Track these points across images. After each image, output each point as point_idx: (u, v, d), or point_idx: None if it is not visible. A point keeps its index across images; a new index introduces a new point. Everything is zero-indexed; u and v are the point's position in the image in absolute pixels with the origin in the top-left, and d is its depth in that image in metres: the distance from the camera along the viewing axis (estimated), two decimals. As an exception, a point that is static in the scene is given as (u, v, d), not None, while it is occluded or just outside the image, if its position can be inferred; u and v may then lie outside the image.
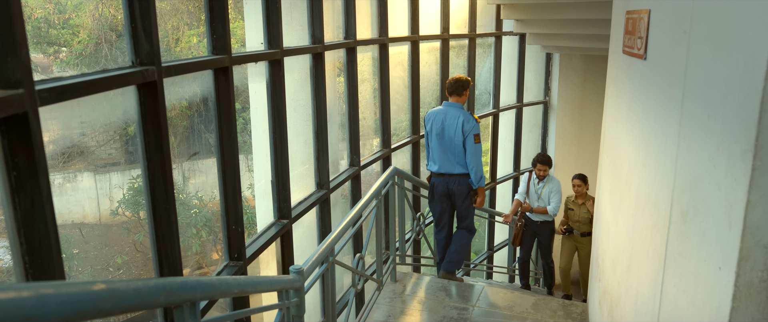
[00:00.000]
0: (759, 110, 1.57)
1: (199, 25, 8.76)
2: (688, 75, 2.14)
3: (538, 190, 5.80)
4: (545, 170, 5.77)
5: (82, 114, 2.06)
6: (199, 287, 1.47)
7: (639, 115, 2.83)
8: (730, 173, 1.74)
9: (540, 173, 5.78)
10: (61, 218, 9.64)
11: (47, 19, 8.94)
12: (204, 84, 2.83)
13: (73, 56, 9.16)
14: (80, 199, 9.60)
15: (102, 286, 1.01)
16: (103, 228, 10.06)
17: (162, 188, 2.15)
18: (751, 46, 1.62)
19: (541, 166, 5.78)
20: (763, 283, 1.69)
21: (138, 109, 2.04)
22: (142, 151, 2.09)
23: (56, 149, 9.57)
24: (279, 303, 2.35)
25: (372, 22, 5.55)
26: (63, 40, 8.94)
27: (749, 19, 1.64)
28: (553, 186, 5.77)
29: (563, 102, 9.21)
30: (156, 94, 2.04)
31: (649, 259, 2.53)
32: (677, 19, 2.26)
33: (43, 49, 9.01)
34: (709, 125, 1.91)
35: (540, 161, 5.80)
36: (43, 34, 9.01)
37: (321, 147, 4.48)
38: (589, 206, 5.73)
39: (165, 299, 1.27)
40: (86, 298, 0.95)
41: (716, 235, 1.84)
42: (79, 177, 9.43)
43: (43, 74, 8.76)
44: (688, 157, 2.11)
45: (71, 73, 6.61)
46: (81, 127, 8.46)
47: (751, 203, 1.64)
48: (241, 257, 2.99)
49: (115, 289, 1.05)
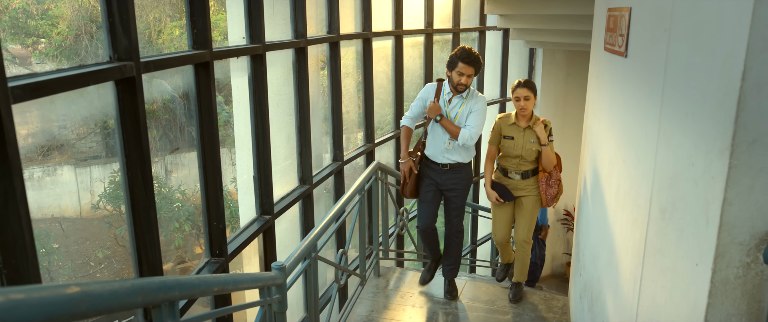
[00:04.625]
0: (736, 109, 1.59)
1: (181, 17, 8.64)
2: (667, 73, 2.16)
3: (450, 110, 3.83)
4: (472, 75, 3.72)
5: (61, 106, 2.02)
6: (177, 286, 1.46)
7: (620, 112, 2.86)
8: (708, 171, 1.76)
9: (461, 82, 3.69)
10: (41, 212, 9.52)
11: (26, 10, 8.77)
12: (186, 77, 2.80)
13: (53, 48, 9.00)
14: (60, 193, 9.48)
15: (76, 289, 0.99)
16: (83, 222, 9.92)
17: (141, 185, 2.12)
18: (728, 45, 1.64)
19: (466, 67, 3.65)
20: (739, 279, 1.72)
21: (116, 105, 2.01)
22: (120, 148, 2.06)
23: (35, 142, 9.45)
24: (260, 300, 2.34)
25: (356, 17, 5.52)
26: (42, 31, 8.77)
27: (727, 18, 1.66)
28: (475, 105, 3.81)
29: (546, 97, 9.27)
30: (134, 90, 2.01)
31: (628, 254, 2.56)
32: (657, 17, 2.28)
33: (22, 40, 8.84)
34: (687, 123, 1.94)
35: (463, 61, 3.65)
36: (22, 25, 8.84)
37: (304, 142, 4.46)
38: (540, 132, 3.82)
39: (142, 299, 1.25)
40: (59, 301, 0.94)
41: (693, 232, 1.86)
42: (59, 170, 9.30)
43: (21, 65, 8.60)
44: (667, 155, 2.14)
45: (50, 66, 6.50)
46: (60, 119, 8.34)
47: (727, 201, 1.66)
48: (222, 254, 2.97)
49: (90, 291, 1.03)
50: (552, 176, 3.95)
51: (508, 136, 3.91)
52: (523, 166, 3.95)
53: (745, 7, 1.54)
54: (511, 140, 3.90)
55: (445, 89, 3.84)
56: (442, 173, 3.92)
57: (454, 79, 3.69)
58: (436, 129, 3.86)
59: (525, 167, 3.95)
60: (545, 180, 3.94)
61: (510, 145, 3.92)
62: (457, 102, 3.81)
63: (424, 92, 3.94)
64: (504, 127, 3.94)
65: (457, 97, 3.80)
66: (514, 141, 3.90)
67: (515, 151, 3.91)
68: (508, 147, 3.93)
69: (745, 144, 1.61)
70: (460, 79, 3.67)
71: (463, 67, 3.64)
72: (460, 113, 3.81)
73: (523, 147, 3.89)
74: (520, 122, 3.88)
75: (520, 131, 3.88)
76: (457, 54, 3.66)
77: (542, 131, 3.81)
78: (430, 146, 3.95)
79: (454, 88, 3.76)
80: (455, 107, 3.82)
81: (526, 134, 3.87)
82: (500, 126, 3.96)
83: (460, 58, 3.64)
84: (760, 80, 1.56)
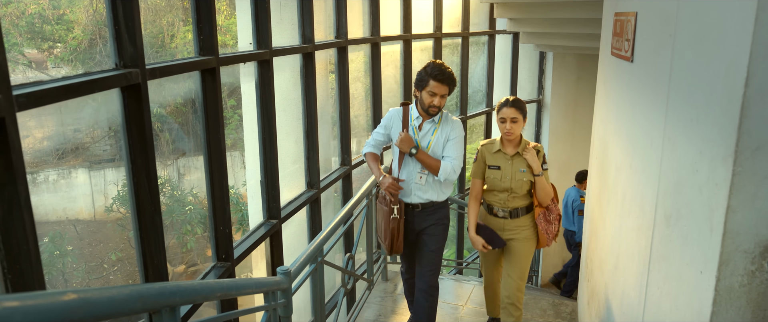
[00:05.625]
0: (739, 116, 1.58)
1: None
2: (672, 79, 2.15)
3: (421, 138, 3.19)
4: (445, 95, 3.10)
5: (75, 110, 2.05)
6: (178, 292, 1.47)
7: (626, 118, 2.84)
8: (712, 178, 1.75)
9: (434, 104, 3.09)
10: (56, 214, 9.64)
11: (41, 15, 8.91)
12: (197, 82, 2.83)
13: (68, 52, 9.13)
14: (75, 195, 9.60)
15: (73, 296, 1.00)
16: (97, 224, 10.03)
17: (146, 190, 2.14)
18: (732, 51, 1.62)
19: (439, 86, 3.04)
20: (743, 287, 1.70)
21: (122, 111, 2.03)
22: (126, 154, 2.08)
23: (51, 145, 9.54)
24: (265, 305, 2.35)
25: (364, 21, 5.54)
26: (58, 36, 8.91)
27: (731, 24, 1.65)
28: (452, 131, 3.18)
29: (557, 100, 9.23)
30: (140, 97, 2.03)
31: (634, 261, 2.54)
32: (663, 22, 2.27)
33: (38, 44, 8.99)
34: (692, 129, 1.92)
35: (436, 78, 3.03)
36: (38, 30, 8.98)
37: (311, 147, 4.48)
38: (531, 159, 3.19)
39: (142, 305, 1.27)
40: (56, 309, 0.95)
41: (698, 239, 1.85)
42: (74, 173, 9.43)
43: (37, 70, 8.73)
44: (672, 161, 2.12)
45: (66, 70, 6.58)
46: (75, 123, 8.45)
47: (731, 208, 1.65)
48: (228, 258, 2.99)
49: (87, 298, 1.04)
50: (551, 211, 3.32)
51: (493, 166, 3.27)
52: (512, 201, 3.27)
53: (748, 13, 1.53)
54: (498, 171, 3.25)
55: (413, 114, 3.21)
56: (413, 213, 3.26)
57: (425, 100, 3.08)
58: (406, 164, 3.22)
59: (515, 202, 3.27)
60: (543, 216, 3.30)
61: (496, 176, 3.25)
62: (428, 128, 3.18)
63: (386, 119, 3.31)
64: (488, 156, 3.29)
65: (428, 123, 3.18)
66: (501, 171, 3.24)
67: (503, 184, 3.24)
68: (494, 179, 3.26)
69: (749, 151, 1.59)
70: (432, 100, 3.05)
71: (436, 86, 3.03)
72: (434, 141, 3.16)
73: (511, 178, 3.22)
74: (507, 149, 3.24)
75: (508, 160, 3.24)
76: (427, 70, 3.05)
77: (534, 158, 3.17)
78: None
79: (424, 112, 3.14)
80: (427, 134, 3.18)
81: (514, 163, 3.23)
82: (484, 155, 3.32)
83: (431, 75, 3.02)
84: (763, 87, 1.55)
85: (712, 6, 1.79)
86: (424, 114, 3.16)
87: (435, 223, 3.26)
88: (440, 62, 3.07)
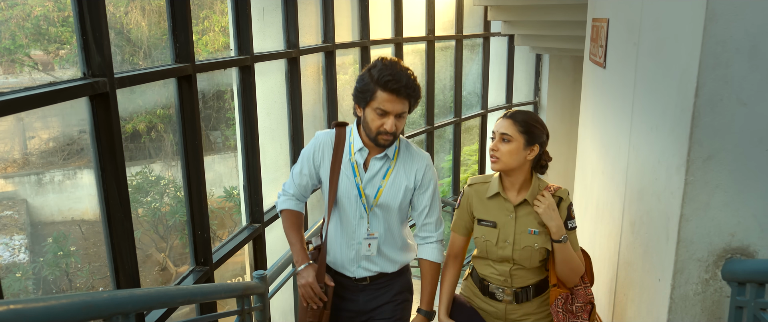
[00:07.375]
0: (690, 125, 1.59)
1: (198, 23, 8.78)
2: (637, 87, 2.16)
3: (366, 183, 2.04)
4: (404, 115, 1.91)
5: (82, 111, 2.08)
6: (131, 300, 1.49)
7: (600, 124, 2.85)
8: (668, 186, 1.76)
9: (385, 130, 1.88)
10: (61, 215, 9.69)
11: (47, 17, 8.99)
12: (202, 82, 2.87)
13: (73, 54, 9.20)
14: (80, 196, 9.66)
15: (2, 307, 1.02)
16: (102, 225, 10.09)
17: (116, 197, 2.17)
18: (684, 61, 1.64)
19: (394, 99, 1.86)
20: (698, 296, 1.71)
21: (90, 120, 2.06)
22: (95, 161, 2.11)
23: (56, 146, 9.60)
24: (237, 309, 2.37)
25: (353, 25, 5.55)
26: (64, 38, 8.98)
27: (683, 34, 1.66)
28: (424, 175, 2.05)
29: (553, 102, 9.22)
30: (108, 106, 2.06)
31: (605, 267, 2.55)
32: (629, 31, 2.28)
33: (44, 46, 9.06)
34: (652, 137, 1.93)
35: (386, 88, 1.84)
36: (43, 32, 9.05)
37: (297, 151, 4.49)
38: (546, 213, 1.92)
39: (86, 314, 1.28)
40: (-17, 321, 0.97)
41: (656, 247, 1.86)
42: (79, 174, 9.49)
43: (43, 71, 8.81)
44: (636, 168, 2.13)
45: (71, 72, 6.63)
46: (81, 124, 8.52)
47: (684, 217, 1.66)
48: (207, 262, 3.01)
49: (20, 310, 1.06)
50: (577, 296, 2.04)
51: (485, 222, 2.05)
52: (519, 278, 2.05)
53: (697, 23, 1.54)
54: (492, 229, 2.03)
55: (353, 139, 2.04)
56: (357, 291, 2.15)
57: (371, 123, 1.91)
58: (345, 215, 2.07)
59: (523, 280, 2.05)
60: (563, 303, 2.03)
61: (490, 237, 2.03)
62: (379, 167, 2.03)
63: (311, 149, 2.11)
64: (478, 204, 2.07)
65: (378, 158, 2.02)
66: (499, 230, 2.02)
67: (501, 251, 2.02)
68: (488, 241, 2.04)
69: (701, 160, 1.60)
70: (382, 122, 1.89)
71: (388, 100, 1.85)
72: (386, 189, 2.02)
73: (515, 242, 2.00)
74: (509, 193, 2.02)
75: (509, 213, 2.01)
76: (372, 74, 1.88)
77: (553, 213, 1.93)
78: (332, 246, 2.13)
79: (371, 140, 1.96)
80: (377, 177, 2.02)
81: (520, 218, 2.00)
82: (471, 201, 2.09)
83: (380, 82, 1.85)
84: (712, 97, 1.56)
85: (669, 16, 1.80)
86: (370, 144, 2.00)
87: (391, 300, 2.14)
88: (395, 61, 1.91)
